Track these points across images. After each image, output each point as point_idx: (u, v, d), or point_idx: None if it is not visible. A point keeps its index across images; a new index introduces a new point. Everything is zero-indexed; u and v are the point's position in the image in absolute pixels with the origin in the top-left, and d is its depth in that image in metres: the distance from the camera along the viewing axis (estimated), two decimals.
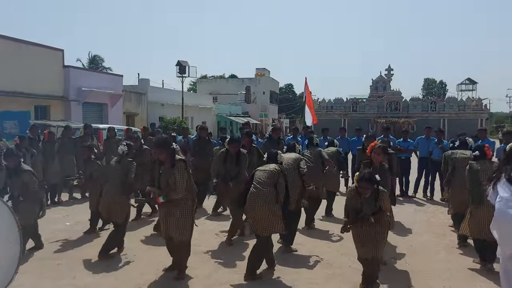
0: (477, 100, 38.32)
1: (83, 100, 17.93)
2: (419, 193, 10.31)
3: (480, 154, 5.25)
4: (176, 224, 4.66)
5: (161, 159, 4.71)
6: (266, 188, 4.76)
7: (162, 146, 4.67)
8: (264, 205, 4.68)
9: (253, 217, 4.77)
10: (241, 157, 6.27)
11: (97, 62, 42.98)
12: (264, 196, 4.70)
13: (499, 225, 3.92)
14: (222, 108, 34.24)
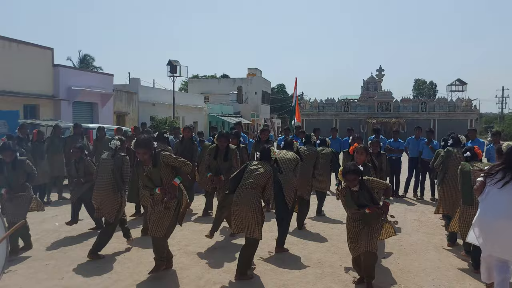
0: (467, 100, 38.62)
1: (73, 100, 17.80)
2: (409, 192, 10.38)
3: (471, 155, 5.30)
4: (154, 218, 4.64)
5: (143, 159, 4.63)
6: (253, 190, 4.75)
7: (144, 146, 4.56)
8: (250, 212, 4.65)
9: (237, 217, 4.74)
10: (231, 152, 6.42)
11: (88, 62, 42.64)
12: (250, 200, 4.69)
13: (480, 224, 4.10)
14: (214, 108, 34.19)
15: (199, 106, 31.13)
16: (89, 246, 5.60)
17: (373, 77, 42.33)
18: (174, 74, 23.01)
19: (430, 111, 37.84)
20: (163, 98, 25.33)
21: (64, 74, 17.76)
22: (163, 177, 4.63)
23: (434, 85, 75.96)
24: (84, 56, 42.68)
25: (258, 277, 4.83)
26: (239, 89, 41.33)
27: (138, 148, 4.59)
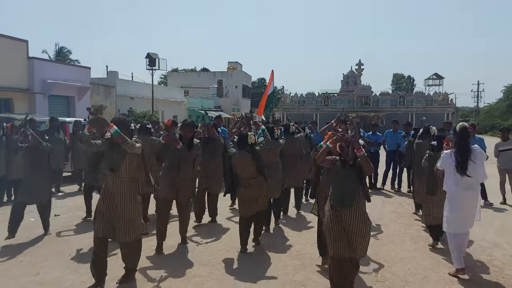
0: (444, 94, 39.39)
1: (49, 93, 17.37)
2: (387, 185, 10.55)
3: (438, 145, 5.44)
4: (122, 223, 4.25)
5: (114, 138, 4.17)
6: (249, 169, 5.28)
7: (120, 125, 4.24)
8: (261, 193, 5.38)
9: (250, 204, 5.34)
10: (193, 143, 5.76)
11: (65, 54, 41.65)
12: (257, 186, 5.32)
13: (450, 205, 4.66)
14: (194, 102, 33.93)
15: (179, 100, 30.84)
16: (63, 242, 5.51)
17: (353, 72, 42.72)
18: (153, 67, 22.68)
19: (408, 105, 38.44)
20: (142, 91, 24.99)
21: (39, 67, 17.30)
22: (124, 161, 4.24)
23: (412, 79, 77.10)
24: (60, 49, 41.66)
25: (237, 270, 4.84)
26: (219, 83, 41.09)
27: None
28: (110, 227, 4.25)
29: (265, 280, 4.54)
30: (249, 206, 5.36)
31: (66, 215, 7.47)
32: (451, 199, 4.68)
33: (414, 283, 4.51)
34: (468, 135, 4.70)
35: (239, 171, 5.37)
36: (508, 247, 5.75)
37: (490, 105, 51.61)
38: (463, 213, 4.60)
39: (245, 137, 5.37)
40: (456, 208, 4.60)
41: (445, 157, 4.69)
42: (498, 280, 4.59)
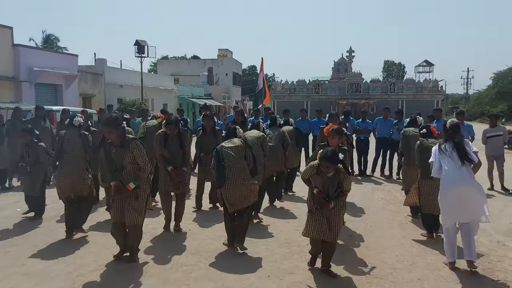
0: (434, 81, 39.54)
1: (35, 81, 17.08)
2: (376, 172, 10.59)
3: (427, 132, 5.57)
4: (131, 207, 4.53)
5: (111, 139, 4.49)
6: (239, 164, 4.97)
7: (111, 125, 4.42)
8: (244, 182, 4.95)
9: (232, 195, 4.93)
10: (183, 137, 5.73)
11: (52, 42, 40.93)
12: (241, 173, 4.95)
13: (445, 197, 4.53)
14: (184, 90, 33.64)
15: (169, 88, 30.54)
16: (51, 232, 5.45)
17: (344, 59, 42.67)
18: (141, 54, 22.38)
19: (399, 92, 38.58)
20: (131, 79, 24.68)
21: (25, 54, 16.96)
22: (125, 163, 4.49)
23: (403, 66, 77.31)
24: (48, 36, 40.92)
25: (225, 258, 4.82)
26: (209, 71, 40.75)
27: (103, 126, 4.52)
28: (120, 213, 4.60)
29: (253, 268, 4.53)
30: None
31: (55, 204, 7.37)
32: (441, 191, 4.59)
33: (401, 269, 4.53)
34: (459, 131, 4.75)
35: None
36: (494, 233, 5.81)
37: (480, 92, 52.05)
38: (455, 202, 4.48)
39: (233, 131, 5.34)
40: (446, 199, 4.53)
41: (436, 151, 4.66)
42: (484, 265, 4.63)
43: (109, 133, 4.46)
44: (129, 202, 4.53)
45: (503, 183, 8.71)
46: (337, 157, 4.10)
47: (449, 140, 4.64)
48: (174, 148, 5.67)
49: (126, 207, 4.54)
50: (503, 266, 4.63)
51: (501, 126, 9.30)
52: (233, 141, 5.13)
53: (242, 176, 4.95)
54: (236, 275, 4.35)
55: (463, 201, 4.43)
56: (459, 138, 4.62)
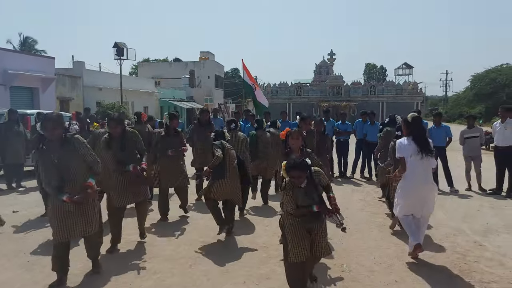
0: (413, 84, 40.06)
1: (10, 84, 16.68)
2: (356, 173, 10.61)
3: (402, 134, 5.52)
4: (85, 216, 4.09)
5: (55, 138, 3.92)
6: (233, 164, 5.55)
7: (57, 122, 3.91)
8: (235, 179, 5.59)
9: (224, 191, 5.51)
10: (128, 138, 5.14)
11: (30, 45, 40.15)
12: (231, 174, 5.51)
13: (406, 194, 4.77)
14: (165, 93, 33.31)
15: (150, 90, 30.19)
16: (21, 239, 5.24)
17: (325, 61, 42.93)
18: (121, 57, 22.02)
19: (379, 95, 38.95)
20: (110, 82, 24.28)
21: (0, 57, 16.54)
22: (73, 166, 3.97)
23: (384, 69, 78.26)
24: (25, 39, 40.14)
25: (200, 264, 4.70)
26: (191, 73, 40.43)
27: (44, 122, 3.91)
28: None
29: (229, 274, 4.43)
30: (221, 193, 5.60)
31: (26, 211, 7.14)
32: (404, 186, 4.78)
33: (379, 272, 4.49)
34: (421, 123, 4.95)
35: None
36: (471, 233, 5.84)
37: (458, 94, 53.03)
38: (416, 201, 4.73)
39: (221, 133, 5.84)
40: (408, 195, 4.74)
41: (400, 145, 4.78)
42: (460, 266, 4.63)
43: (53, 131, 3.88)
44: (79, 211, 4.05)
45: (480, 184, 8.80)
46: (304, 163, 3.62)
47: (410, 134, 4.77)
48: (117, 151, 5.09)
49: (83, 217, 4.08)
50: (479, 266, 4.63)
51: (478, 127, 9.41)
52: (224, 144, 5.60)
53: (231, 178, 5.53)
54: (211, 282, 4.24)
55: (422, 199, 4.71)
56: (419, 131, 4.75)
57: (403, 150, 4.74)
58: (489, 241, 5.51)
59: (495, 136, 8.58)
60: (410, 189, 4.72)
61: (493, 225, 6.22)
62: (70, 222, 3.99)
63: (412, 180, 4.68)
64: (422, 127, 4.92)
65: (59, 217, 3.95)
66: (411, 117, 4.89)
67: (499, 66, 44.73)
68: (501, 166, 8.42)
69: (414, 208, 4.77)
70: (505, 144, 8.22)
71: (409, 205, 4.77)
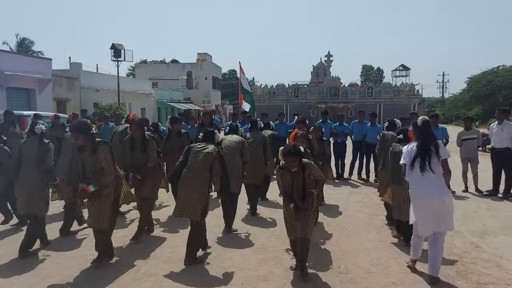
0: (410, 85, 40.13)
1: (7, 85, 16.61)
2: (354, 175, 10.61)
3: (403, 138, 5.39)
4: (94, 210, 4.46)
5: (80, 144, 4.40)
6: (200, 171, 4.67)
7: (80, 131, 4.35)
8: (195, 190, 4.60)
9: (182, 198, 4.64)
10: (147, 142, 5.55)
11: (27, 46, 39.99)
12: (197, 180, 4.63)
13: (416, 206, 4.38)
14: (163, 94, 33.29)
15: (147, 92, 30.17)
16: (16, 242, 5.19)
17: (322, 63, 42.98)
18: (118, 58, 21.98)
19: (376, 96, 38.99)
20: (107, 83, 24.23)
21: None
22: (94, 168, 4.40)
23: (381, 71, 78.43)
24: (22, 40, 39.99)
25: (197, 266, 4.68)
26: (188, 75, 40.45)
27: (71, 132, 4.48)
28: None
29: (227, 276, 4.42)
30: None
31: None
32: (411, 197, 4.45)
33: (376, 273, 4.48)
34: (429, 129, 4.51)
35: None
36: (468, 234, 5.84)
37: (455, 96, 53.08)
38: (425, 214, 4.27)
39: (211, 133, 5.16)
40: (417, 208, 4.36)
41: (406, 151, 4.51)
42: (457, 267, 4.63)
43: (76, 139, 4.37)
44: (93, 205, 4.47)
45: (477, 185, 8.82)
46: (298, 150, 4.29)
47: (417, 140, 4.43)
48: (137, 153, 5.53)
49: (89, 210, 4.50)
50: (476, 268, 4.63)
51: (476, 129, 9.44)
52: (207, 148, 4.85)
53: (194, 183, 4.62)
54: (209, 284, 4.22)
55: (431, 212, 4.21)
56: (428, 140, 4.33)
57: (406, 156, 4.45)
58: (486, 242, 5.52)
59: (491, 137, 8.59)
60: (415, 200, 4.36)
61: (490, 227, 6.24)
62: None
63: (416, 190, 4.34)
64: (429, 133, 4.43)
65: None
66: (421, 120, 4.48)
67: (495, 68, 44.79)
68: (498, 168, 8.44)
69: (425, 223, 4.26)
70: (501, 146, 8.24)
71: (419, 219, 4.32)
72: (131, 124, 5.60)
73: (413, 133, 4.65)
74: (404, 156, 4.53)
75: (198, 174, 4.66)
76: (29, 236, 5.01)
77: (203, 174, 4.68)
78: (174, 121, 6.90)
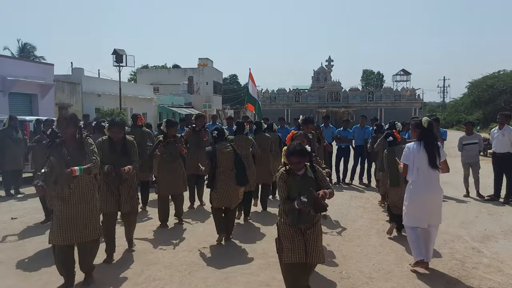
0: (411, 90, 40.26)
1: (9, 91, 16.66)
2: (355, 180, 10.62)
3: (393, 140, 5.66)
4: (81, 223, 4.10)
5: (66, 137, 4.08)
6: (230, 170, 5.62)
7: (69, 121, 4.04)
8: (234, 185, 5.64)
9: (226, 195, 5.60)
10: (128, 145, 5.14)
11: (29, 51, 40.18)
12: (231, 178, 5.63)
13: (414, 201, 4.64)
14: (164, 99, 33.35)
15: (148, 97, 30.23)
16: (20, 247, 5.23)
17: (323, 68, 43.12)
18: (120, 63, 22.06)
19: (377, 101, 39.11)
20: (109, 88, 24.31)
21: None
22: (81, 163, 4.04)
23: (381, 75, 78.51)
24: (24, 45, 40.18)
25: (200, 271, 4.70)
26: (190, 80, 40.53)
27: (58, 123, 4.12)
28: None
29: (228, 281, 4.43)
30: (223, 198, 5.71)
31: (25, 217, 7.13)
32: (411, 194, 4.67)
33: (378, 279, 4.49)
34: (433, 130, 4.77)
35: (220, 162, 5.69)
36: (470, 239, 5.85)
37: (456, 100, 53.14)
38: (424, 208, 4.59)
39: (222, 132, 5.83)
40: (416, 203, 4.62)
41: (408, 151, 4.66)
42: (459, 272, 4.64)
43: (66, 128, 4.06)
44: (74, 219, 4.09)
45: (479, 190, 8.83)
46: (304, 149, 3.55)
47: (421, 139, 4.63)
48: (116, 156, 5.01)
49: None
50: (478, 273, 4.64)
51: (477, 134, 9.45)
52: (226, 146, 5.66)
53: (232, 181, 5.63)
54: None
55: (430, 207, 4.60)
56: (431, 138, 4.63)
57: (409, 156, 4.62)
58: (487, 247, 5.53)
59: (493, 142, 8.61)
60: (416, 196, 4.61)
61: (491, 232, 6.24)
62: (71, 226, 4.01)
63: (418, 187, 4.58)
64: (434, 135, 4.75)
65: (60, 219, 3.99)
66: (427, 121, 4.66)
67: (496, 72, 44.86)
68: (499, 173, 8.45)
69: (421, 217, 4.61)
70: (503, 151, 8.26)
71: (415, 214, 4.63)
72: (111, 126, 5.07)
73: (416, 133, 4.76)
74: (407, 156, 4.63)
75: (229, 173, 5.63)
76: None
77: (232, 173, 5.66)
78: (170, 125, 6.65)
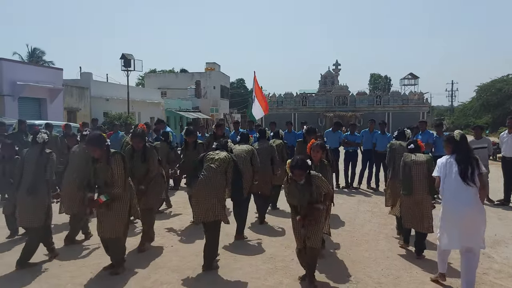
0: (419, 94, 40.06)
1: (19, 95, 16.83)
2: (363, 184, 10.56)
3: (415, 147, 5.42)
4: (108, 220, 4.56)
5: (96, 156, 4.55)
6: (216, 176, 4.78)
7: (95, 143, 4.51)
8: (212, 192, 4.70)
9: (197, 203, 4.74)
10: (148, 153, 5.55)
11: (38, 56, 40.64)
12: (213, 184, 4.73)
13: (445, 217, 4.24)
14: (172, 103, 33.48)
15: (156, 101, 30.38)
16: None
17: (330, 72, 43.08)
18: (128, 68, 22.22)
19: (385, 105, 38.96)
20: (117, 93, 24.47)
21: (8, 68, 16.71)
22: (107, 178, 4.52)
23: (389, 79, 78.29)
24: (33, 50, 40.65)
25: (208, 275, 4.69)
26: (197, 84, 40.67)
27: (87, 144, 4.64)
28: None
29: (236, 285, 4.42)
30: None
31: None
32: (443, 212, 4.30)
33: (386, 284, 4.45)
34: (466, 143, 4.44)
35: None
36: None
37: (464, 104, 52.76)
38: (456, 227, 4.15)
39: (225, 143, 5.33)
40: (448, 223, 4.23)
41: (441, 165, 4.39)
42: None
43: (93, 151, 4.54)
44: (105, 215, 4.56)
45: (488, 195, 8.72)
46: (306, 163, 4.22)
47: (454, 153, 4.36)
48: (137, 163, 5.51)
49: (102, 220, 4.59)
50: (488, 278, 4.58)
51: (486, 138, 9.35)
52: (220, 154, 4.98)
53: (211, 187, 4.71)
54: None
55: (463, 226, 4.11)
56: (465, 151, 4.32)
57: (441, 170, 4.34)
58: (497, 252, 5.46)
59: (502, 146, 8.53)
60: (447, 214, 4.23)
61: (501, 237, 6.17)
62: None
63: (450, 204, 4.21)
64: (468, 148, 4.41)
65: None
66: (459, 134, 4.43)
67: (505, 76, 44.50)
68: (509, 177, 8.36)
69: (452, 237, 4.17)
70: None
71: (447, 234, 4.22)
72: (133, 137, 5.65)
73: (449, 148, 4.47)
74: (439, 169, 4.38)
75: (213, 180, 4.74)
76: (27, 248, 4.85)
77: (217, 179, 4.78)
78: (189, 133, 7.04)
